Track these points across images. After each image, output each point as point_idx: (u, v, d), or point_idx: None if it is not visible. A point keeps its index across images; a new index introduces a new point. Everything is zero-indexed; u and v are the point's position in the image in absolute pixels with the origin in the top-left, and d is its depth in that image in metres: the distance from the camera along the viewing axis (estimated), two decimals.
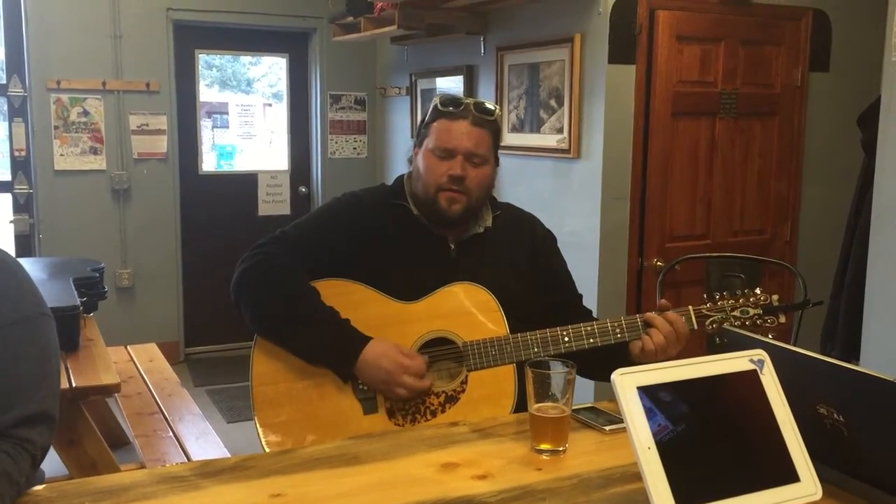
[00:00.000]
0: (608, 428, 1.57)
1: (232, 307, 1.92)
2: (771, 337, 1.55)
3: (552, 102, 4.01)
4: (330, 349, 1.84)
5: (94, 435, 2.94)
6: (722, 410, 1.23)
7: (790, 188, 4.12)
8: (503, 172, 2.16)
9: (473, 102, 1.94)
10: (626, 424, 1.15)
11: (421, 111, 5.21)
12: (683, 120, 3.79)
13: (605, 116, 3.69)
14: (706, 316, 1.88)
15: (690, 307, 1.88)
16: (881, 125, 2.83)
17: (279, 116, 5.93)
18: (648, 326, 1.84)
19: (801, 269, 3.46)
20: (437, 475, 1.37)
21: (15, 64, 5.02)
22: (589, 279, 3.70)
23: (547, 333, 1.84)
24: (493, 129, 1.95)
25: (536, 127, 4.14)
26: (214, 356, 5.68)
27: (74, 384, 2.75)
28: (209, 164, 5.73)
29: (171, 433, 3.21)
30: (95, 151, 5.18)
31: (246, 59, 5.91)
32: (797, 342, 2.66)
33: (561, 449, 1.46)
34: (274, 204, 5.82)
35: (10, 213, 5.10)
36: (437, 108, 1.95)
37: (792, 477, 1.20)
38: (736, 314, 1.87)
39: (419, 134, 2.00)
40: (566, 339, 1.83)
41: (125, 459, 3.54)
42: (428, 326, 1.87)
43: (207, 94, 5.73)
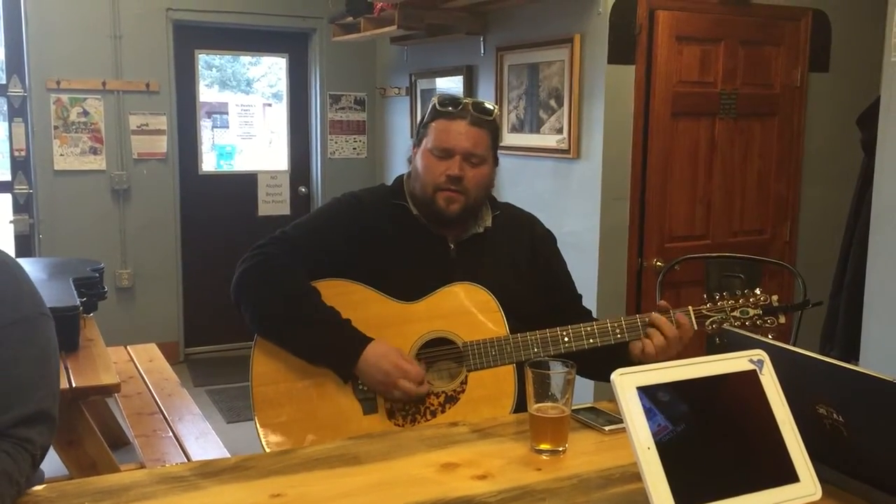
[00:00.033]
0: (608, 428, 1.57)
1: (232, 307, 1.92)
2: (770, 337, 1.55)
3: (552, 103, 4.01)
4: (331, 349, 1.84)
5: (93, 435, 2.94)
6: (721, 411, 1.23)
7: (790, 188, 4.12)
8: (503, 172, 2.16)
9: (472, 102, 1.94)
10: (625, 424, 1.15)
11: (420, 111, 5.20)
12: (683, 120, 3.79)
13: (604, 117, 3.69)
14: (706, 316, 1.88)
15: (690, 307, 1.88)
16: (881, 125, 2.83)
17: (279, 116, 5.93)
18: (649, 327, 1.84)
19: (800, 269, 3.46)
20: (436, 475, 1.37)
21: (15, 64, 5.02)
22: (589, 279, 3.70)
23: (547, 334, 1.84)
24: (491, 128, 1.95)
25: (536, 127, 4.14)
26: (214, 356, 5.68)
27: (74, 384, 2.75)
28: (209, 164, 5.73)
29: (170, 433, 3.21)
30: (95, 151, 5.18)
31: (246, 59, 5.91)
32: (797, 342, 2.66)
33: (561, 449, 1.46)
34: (274, 204, 5.82)
35: (9, 213, 5.10)
36: (435, 107, 1.95)
37: (791, 477, 1.20)
38: (736, 314, 1.87)
39: (418, 134, 2.00)
40: (566, 339, 1.83)
41: (125, 459, 3.54)
42: (428, 326, 1.87)
43: (207, 94, 5.73)
